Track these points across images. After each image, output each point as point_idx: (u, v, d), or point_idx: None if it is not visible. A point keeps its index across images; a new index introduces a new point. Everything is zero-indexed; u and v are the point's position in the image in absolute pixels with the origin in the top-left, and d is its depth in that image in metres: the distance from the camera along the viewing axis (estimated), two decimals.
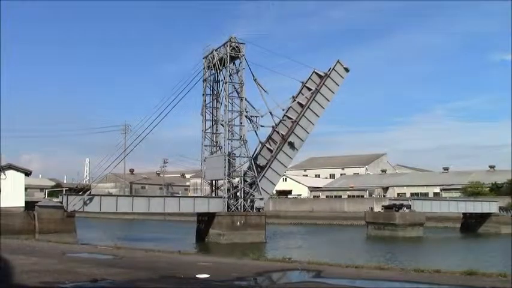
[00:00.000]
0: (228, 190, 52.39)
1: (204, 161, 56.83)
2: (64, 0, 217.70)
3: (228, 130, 53.59)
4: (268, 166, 54.54)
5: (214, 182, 57.38)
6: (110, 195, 72.23)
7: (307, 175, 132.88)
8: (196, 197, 65.65)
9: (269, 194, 59.78)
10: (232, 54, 53.30)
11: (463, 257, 37.85)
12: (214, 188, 57.17)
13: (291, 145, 55.54)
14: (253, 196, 52.77)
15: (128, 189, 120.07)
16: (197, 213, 54.72)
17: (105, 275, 13.08)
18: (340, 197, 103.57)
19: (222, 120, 55.58)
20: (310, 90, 56.95)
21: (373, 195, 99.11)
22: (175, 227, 71.68)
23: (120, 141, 71.57)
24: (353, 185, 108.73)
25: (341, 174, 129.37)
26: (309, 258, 19.37)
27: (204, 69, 57.05)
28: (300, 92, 57.50)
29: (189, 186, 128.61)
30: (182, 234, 57.65)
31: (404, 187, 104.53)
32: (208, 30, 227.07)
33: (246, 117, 53.78)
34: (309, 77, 57.81)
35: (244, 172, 54.55)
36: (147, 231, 67.70)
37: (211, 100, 57.93)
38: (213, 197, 54.99)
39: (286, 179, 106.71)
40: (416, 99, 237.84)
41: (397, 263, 30.78)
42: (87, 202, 46.92)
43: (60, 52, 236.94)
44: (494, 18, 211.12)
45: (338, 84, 58.20)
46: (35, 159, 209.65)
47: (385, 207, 64.42)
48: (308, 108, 56.31)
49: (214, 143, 57.46)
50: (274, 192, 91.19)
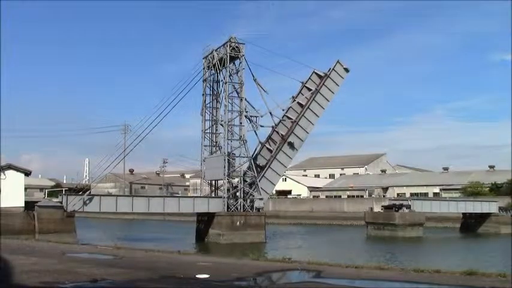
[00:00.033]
0: (228, 190, 52.39)
1: (203, 161, 56.84)
2: (64, 0, 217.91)
3: (227, 130, 53.61)
4: (267, 166, 54.55)
5: (214, 182, 57.41)
6: (110, 195, 72.28)
7: (306, 175, 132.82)
8: (196, 197, 65.71)
9: (269, 194, 59.81)
10: (232, 54, 53.32)
11: (462, 257, 37.83)
12: (214, 188, 57.18)
13: (291, 145, 55.55)
14: (253, 196, 52.78)
15: (128, 189, 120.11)
16: (197, 213, 54.73)
17: (105, 275, 13.08)
18: (339, 197, 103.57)
19: (221, 120, 55.57)
20: (310, 90, 56.97)
21: (373, 195, 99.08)
22: (175, 227, 71.66)
23: (120, 141, 71.61)
24: (353, 185, 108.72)
25: (341, 174, 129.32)
26: (309, 258, 19.37)
27: (204, 69, 57.07)
28: (299, 92, 57.52)
29: (188, 186, 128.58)
30: (182, 234, 57.64)
31: (404, 187, 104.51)
32: (208, 30, 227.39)
33: (246, 117, 53.79)
34: (309, 77, 57.83)
35: (244, 172, 54.55)
36: (147, 231, 67.68)
37: (211, 100, 57.97)
38: (213, 197, 55.01)
39: (285, 179, 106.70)
40: (416, 99, 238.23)
41: (397, 263, 30.79)
42: (87, 202, 46.94)
43: (60, 52, 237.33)
44: (494, 18, 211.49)
45: (338, 85, 58.22)
46: (35, 159, 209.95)
47: (385, 207, 64.43)
48: (308, 108, 56.33)
49: (214, 143, 57.47)
50: (274, 192, 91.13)
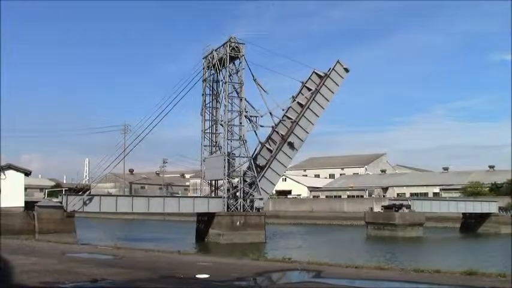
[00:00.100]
0: (228, 190, 52.38)
1: (203, 161, 56.83)
2: (64, 0, 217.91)
3: (227, 130, 53.60)
4: (267, 166, 54.54)
5: (213, 182, 57.40)
6: (110, 195, 72.29)
7: (306, 175, 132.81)
8: (195, 197, 65.71)
9: (269, 194, 59.79)
10: (232, 55, 53.30)
11: (462, 257, 37.81)
12: (213, 188, 57.18)
13: (291, 145, 55.54)
14: (253, 196, 52.77)
15: (128, 189, 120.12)
16: (197, 213, 54.72)
17: (105, 275, 13.08)
18: (339, 197, 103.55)
19: (221, 120, 55.56)
20: (310, 90, 56.96)
21: (373, 195, 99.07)
22: (175, 227, 71.65)
23: (120, 141, 71.70)
24: (353, 185, 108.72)
25: (340, 174, 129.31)
26: (309, 258, 19.37)
27: (203, 69, 57.05)
28: (299, 92, 57.51)
29: (188, 186, 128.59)
30: (182, 234, 57.64)
31: (404, 187, 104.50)
32: (208, 30, 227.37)
33: (246, 117, 53.78)
34: (309, 77, 57.82)
35: (244, 172, 54.54)
36: (147, 231, 67.68)
37: (211, 100, 57.96)
38: (213, 197, 55.01)
39: (285, 179, 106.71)
40: (416, 99, 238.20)
41: (397, 263, 30.79)
42: (87, 202, 46.92)
43: (60, 52, 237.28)
44: (494, 18, 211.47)
45: (338, 85, 58.21)
46: (35, 159, 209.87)
47: (385, 207, 64.42)
48: (308, 108, 56.32)
49: (214, 143, 57.47)
50: (274, 192, 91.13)
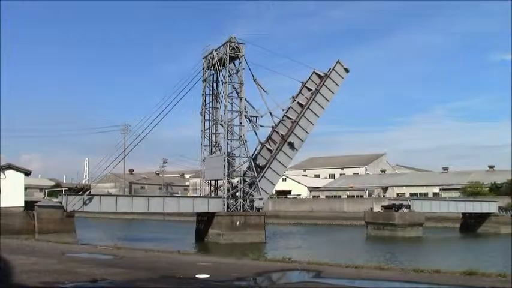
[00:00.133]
0: (228, 190, 52.38)
1: (203, 161, 56.83)
2: (64, 0, 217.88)
3: (227, 130, 53.60)
4: (267, 166, 54.53)
5: (213, 182, 57.40)
6: (110, 195, 72.31)
7: (306, 175, 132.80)
8: (195, 197, 65.73)
9: (268, 194, 59.79)
10: (232, 55, 53.30)
11: (462, 257, 37.81)
12: (213, 188, 57.18)
13: (291, 145, 55.54)
14: (253, 196, 52.76)
15: (128, 189, 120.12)
16: (197, 213, 54.71)
17: (105, 275, 13.08)
18: (339, 197, 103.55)
19: (221, 120, 55.55)
20: (310, 90, 56.95)
21: (373, 195, 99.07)
22: (175, 227, 71.66)
23: (120, 141, 71.74)
24: (352, 185, 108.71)
25: (340, 174, 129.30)
26: (309, 258, 19.38)
27: (203, 69, 57.05)
28: (299, 92, 57.51)
29: (188, 186, 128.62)
30: (182, 234, 57.66)
31: (404, 187, 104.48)
32: (208, 30, 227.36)
33: (246, 117, 53.78)
34: (309, 77, 57.81)
35: (244, 172, 54.54)
36: (147, 231, 67.69)
37: (211, 100, 57.95)
38: (213, 197, 55.01)
39: (285, 179, 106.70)
40: (416, 99, 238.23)
41: (397, 263, 30.79)
42: (87, 202, 46.91)
43: (60, 52, 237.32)
44: (494, 18, 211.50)
45: (338, 85, 58.20)
46: (35, 159, 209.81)
47: (385, 207, 64.44)
48: (308, 108, 56.31)
49: (214, 143, 57.46)
50: (274, 192, 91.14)
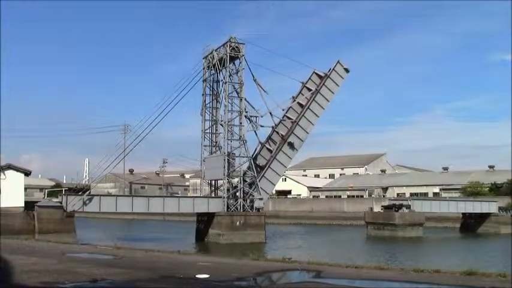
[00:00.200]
0: (228, 190, 52.38)
1: (203, 161, 56.83)
2: (64, 0, 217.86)
3: (227, 130, 53.59)
4: (267, 166, 54.53)
5: (213, 182, 57.40)
6: (110, 195, 72.35)
7: (306, 175, 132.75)
8: (195, 197, 65.76)
9: (268, 194, 59.77)
10: (232, 55, 53.29)
11: (462, 257, 37.80)
12: (213, 188, 57.18)
13: (291, 145, 55.53)
14: (253, 196, 52.76)
15: (128, 189, 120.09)
16: (197, 213, 54.71)
17: (105, 275, 13.08)
18: (339, 197, 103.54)
19: (221, 120, 55.55)
20: (310, 90, 56.94)
21: (373, 195, 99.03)
22: (175, 227, 71.66)
23: (120, 141, 71.71)
24: (352, 185, 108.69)
25: (340, 174, 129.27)
26: (309, 258, 19.39)
27: (203, 69, 57.05)
28: (299, 92, 57.51)
29: (188, 186, 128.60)
30: (182, 234, 57.65)
31: (404, 187, 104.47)
32: (208, 30, 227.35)
33: (246, 117, 53.78)
34: (309, 78, 57.80)
35: (244, 172, 54.54)
36: (147, 231, 67.68)
37: (211, 100, 57.95)
38: (213, 197, 55.01)
39: (285, 179, 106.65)
40: (416, 99, 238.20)
41: (397, 263, 30.79)
42: (87, 202, 46.91)
43: (60, 52, 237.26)
44: (494, 18, 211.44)
45: (338, 85, 58.18)
46: (35, 159, 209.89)
47: (385, 207, 64.42)
48: (308, 108, 56.30)
49: (214, 143, 57.46)
50: (274, 192, 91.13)
